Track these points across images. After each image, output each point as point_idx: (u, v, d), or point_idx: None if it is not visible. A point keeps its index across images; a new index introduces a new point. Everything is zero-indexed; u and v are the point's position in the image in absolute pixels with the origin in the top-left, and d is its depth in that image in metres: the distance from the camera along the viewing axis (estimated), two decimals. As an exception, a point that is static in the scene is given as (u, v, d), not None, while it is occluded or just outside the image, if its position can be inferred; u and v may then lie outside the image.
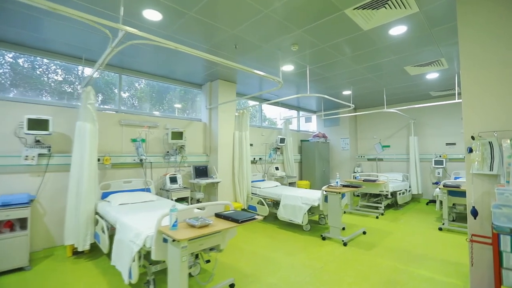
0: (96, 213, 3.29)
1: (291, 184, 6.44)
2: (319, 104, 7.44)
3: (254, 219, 2.23)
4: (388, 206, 6.03)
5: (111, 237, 2.73)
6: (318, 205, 3.96)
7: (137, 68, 4.38)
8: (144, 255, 2.36)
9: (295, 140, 7.30)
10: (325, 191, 3.91)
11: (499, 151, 1.94)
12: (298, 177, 7.31)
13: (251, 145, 5.94)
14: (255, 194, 5.14)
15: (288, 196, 4.40)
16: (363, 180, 5.57)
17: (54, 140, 3.46)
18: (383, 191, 5.31)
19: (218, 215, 2.35)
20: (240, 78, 5.09)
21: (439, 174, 6.29)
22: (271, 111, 7.36)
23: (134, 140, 4.18)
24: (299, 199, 4.18)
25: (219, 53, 3.70)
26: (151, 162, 4.37)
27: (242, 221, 2.14)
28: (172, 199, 3.94)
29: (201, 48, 3.53)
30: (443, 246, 3.54)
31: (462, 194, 4.19)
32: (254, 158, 6.00)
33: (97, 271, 2.87)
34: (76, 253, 3.29)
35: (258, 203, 4.87)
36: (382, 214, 5.29)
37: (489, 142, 1.99)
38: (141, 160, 4.13)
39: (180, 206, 2.81)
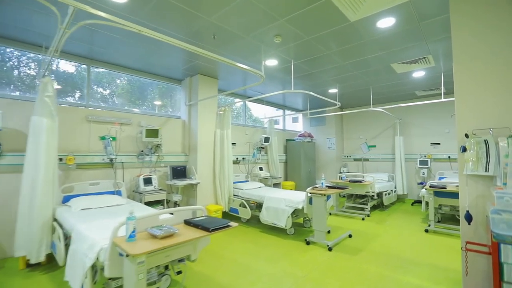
0: (55, 219, 2.92)
1: (276, 185, 6.22)
2: (305, 102, 7.26)
3: (228, 226, 1.97)
4: (374, 207, 5.91)
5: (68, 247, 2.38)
6: (302, 207, 3.74)
7: (110, 60, 4.02)
8: (102, 269, 2.05)
9: (280, 139, 7.08)
10: (310, 193, 3.70)
11: (495, 150, 1.77)
12: (283, 177, 7.09)
13: (233, 144, 5.67)
14: (237, 196, 4.87)
15: (271, 198, 4.15)
16: (349, 181, 5.42)
17: (6, 137, 3.07)
18: (369, 192, 5.18)
19: (187, 222, 2.07)
20: (221, 74, 4.81)
21: (424, 174, 6.25)
22: (257, 111, 7.10)
23: (103, 138, 3.80)
24: (282, 202, 3.94)
25: (196, 44, 3.41)
26: (122, 162, 4.01)
27: (214, 230, 1.87)
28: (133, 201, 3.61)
29: (177, 38, 3.23)
30: (430, 250, 3.41)
31: (448, 195, 4.10)
32: (237, 158, 5.73)
33: (51, 286, 2.52)
34: (30, 265, 2.90)
35: (240, 206, 4.60)
36: (368, 216, 5.16)
37: (485, 140, 1.82)
38: (110, 160, 3.77)
39: (142, 212, 2.50)
